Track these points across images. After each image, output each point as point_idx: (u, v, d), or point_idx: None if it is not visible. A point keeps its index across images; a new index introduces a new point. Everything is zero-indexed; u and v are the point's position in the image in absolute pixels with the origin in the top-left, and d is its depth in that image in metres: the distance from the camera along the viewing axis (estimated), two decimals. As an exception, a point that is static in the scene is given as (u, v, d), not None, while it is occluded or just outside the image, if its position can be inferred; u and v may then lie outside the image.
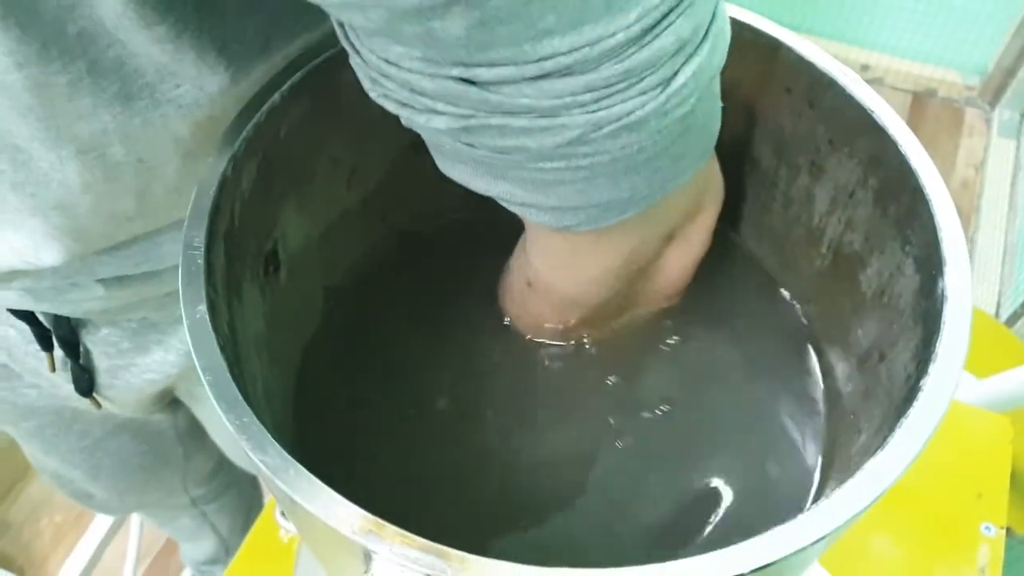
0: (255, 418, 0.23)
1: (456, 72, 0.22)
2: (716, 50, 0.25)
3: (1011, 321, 1.27)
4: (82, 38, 0.27)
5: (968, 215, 1.62)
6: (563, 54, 0.21)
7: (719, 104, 0.28)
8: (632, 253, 0.32)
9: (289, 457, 0.23)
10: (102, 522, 1.23)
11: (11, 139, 0.30)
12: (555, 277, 0.34)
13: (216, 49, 0.30)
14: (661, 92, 0.23)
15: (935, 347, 0.25)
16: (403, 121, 0.26)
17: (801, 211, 0.36)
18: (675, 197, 0.29)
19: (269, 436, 0.23)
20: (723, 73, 0.26)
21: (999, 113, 1.80)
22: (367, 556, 0.22)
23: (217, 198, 0.28)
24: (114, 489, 0.73)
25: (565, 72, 0.22)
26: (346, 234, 0.39)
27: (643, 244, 0.32)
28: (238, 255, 0.30)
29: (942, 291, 0.26)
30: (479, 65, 0.22)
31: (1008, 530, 0.62)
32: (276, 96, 0.31)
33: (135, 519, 1.12)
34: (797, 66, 0.33)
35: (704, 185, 0.32)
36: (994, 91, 1.81)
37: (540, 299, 0.35)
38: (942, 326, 0.25)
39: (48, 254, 0.36)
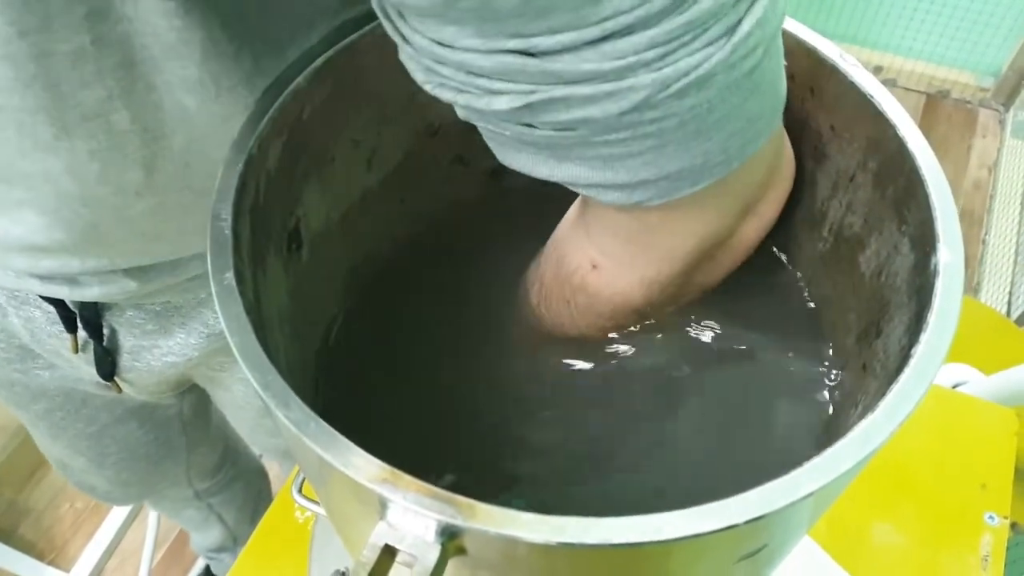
0: (279, 376, 0.25)
1: (513, 44, 0.21)
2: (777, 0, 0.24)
3: (1022, 320, 1.27)
4: (89, 17, 0.27)
5: (980, 216, 1.62)
6: (624, 12, 0.20)
7: (783, 61, 0.26)
8: (707, 232, 0.30)
9: (311, 412, 0.24)
10: (121, 509, 1.25)
11: (15, 112, 0.30)
12: (623, 263, 0.31)
13: (226, 35, 0.30)
14: (727, 41, 0.22)
15: (927, 318, 0.26)
16: (460, 112, 0.25)
17: (803, 196, 0.37)
18: (751, 166, 0.28)
19: (292, 393, 0.24)
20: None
21: (1013, 114, 1.80)
22: (383, 504, 0.23)
23: (243, 174, 0.29)
24: (117, 479, 0.72)
25: (627, 31, 0.21)
26: (366, 215, 0.40)
27: (720, 220, 0.29)
28: (263, 230, 0.31)
29: (935, 266, 0.27)
30: (537, 35, 0.21)
31: (1014, 525, 0.62)
32: (300, 79, 0.32)
33: (153, 507, 1.14)
34: (799, 53, 0.33)
35: (777, 153, 0.30)
36: (1008, 92, 1.80)
37: (590, 303, 0.33)
38: (934, 298, 0.26)
39: (60, 227, 0.36)
